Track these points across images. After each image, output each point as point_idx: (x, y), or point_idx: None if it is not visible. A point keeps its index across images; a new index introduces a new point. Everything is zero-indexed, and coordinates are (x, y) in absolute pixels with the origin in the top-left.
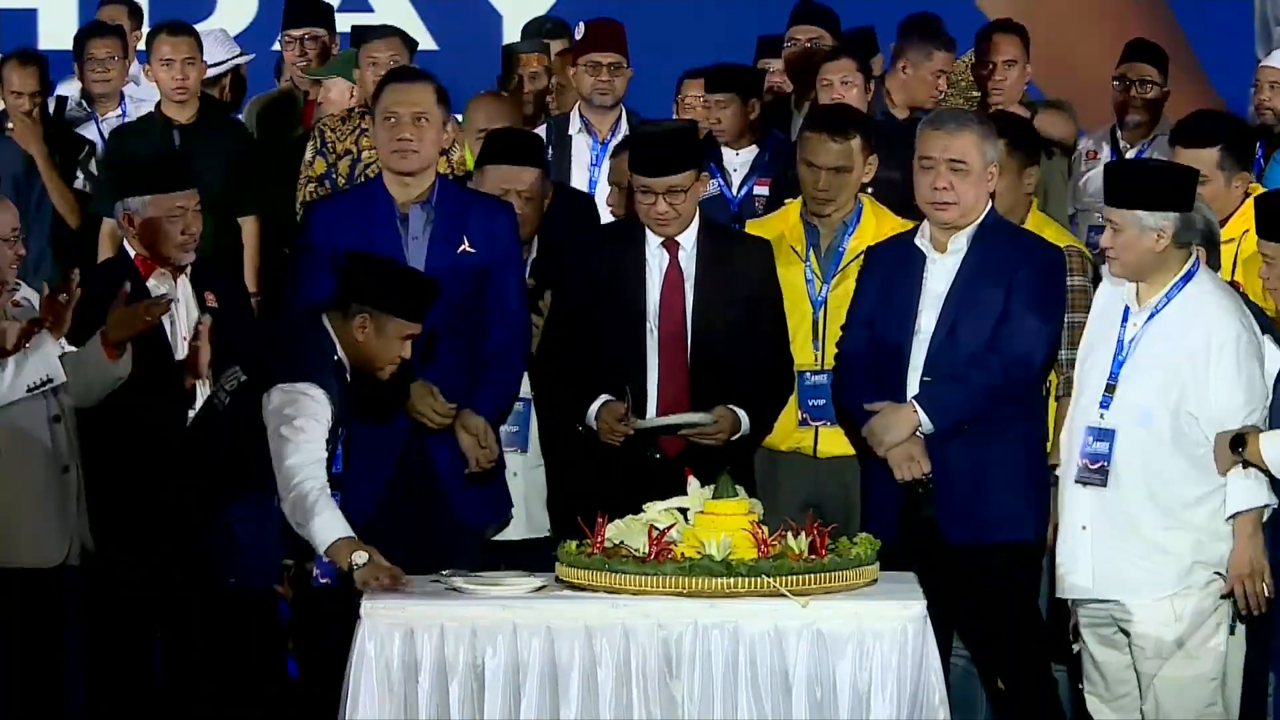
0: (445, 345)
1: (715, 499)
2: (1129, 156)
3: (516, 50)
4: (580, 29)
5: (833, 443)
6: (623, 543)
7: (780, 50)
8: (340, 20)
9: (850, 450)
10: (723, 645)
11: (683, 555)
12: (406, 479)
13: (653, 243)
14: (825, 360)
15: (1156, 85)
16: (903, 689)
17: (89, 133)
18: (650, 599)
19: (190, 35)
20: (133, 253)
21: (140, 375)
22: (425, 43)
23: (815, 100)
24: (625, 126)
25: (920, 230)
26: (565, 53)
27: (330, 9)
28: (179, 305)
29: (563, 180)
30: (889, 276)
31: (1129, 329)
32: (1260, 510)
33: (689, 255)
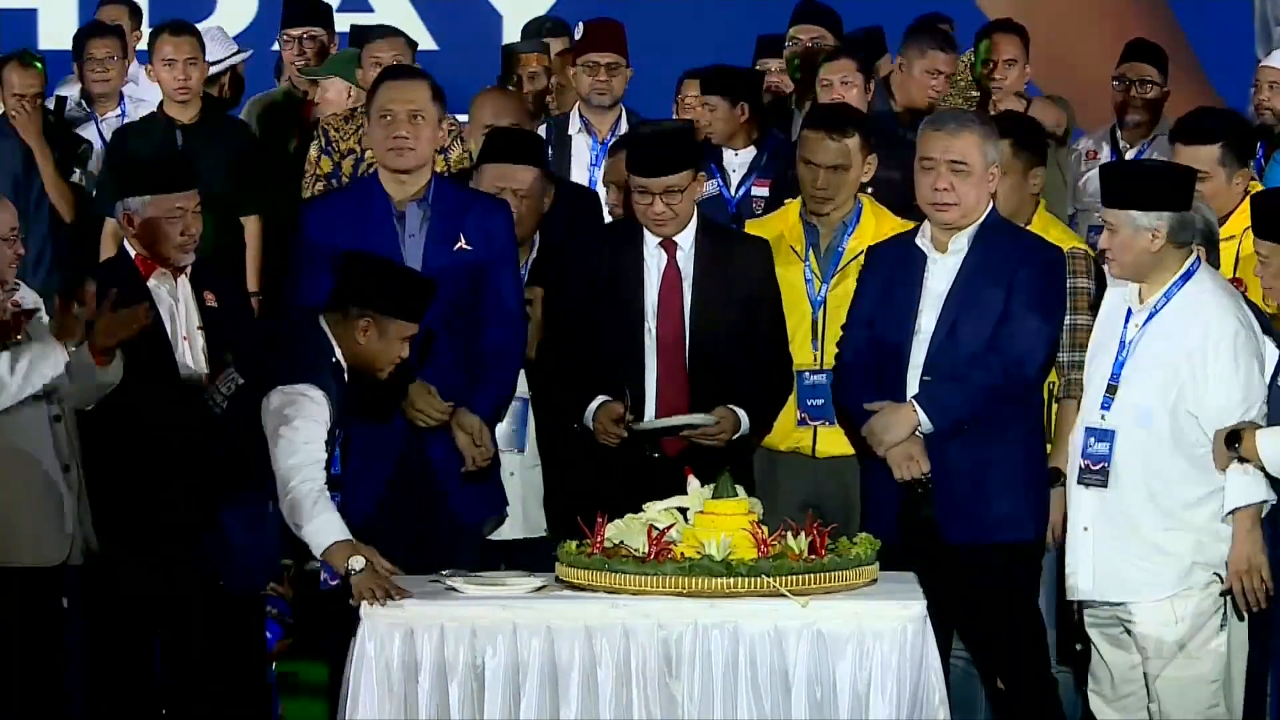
0: (442, 344)
1: (715, 499)
2: (1129, 156)
3: (516, 50)
4: (579, 29)
5: (832, 443)
6: (623, 543)
7: (779, 50)
8: (340, 20)
9: (849, 450)
10: (723, 645)
11: (683, 555)
12: (406, 479)
13: (651, 243)
14: (824, 360)
15: (1156, 85)
16: (903, 689)
17: (88, 133)
18: (650, 599)
19: (193, 35)
20: (133, 253)
21: (140, 376)
22: (425, 43)
23: (815, 100)
24: (625, 126)
25: (921, 230)
26: (565, 53)
27: (329, 9)
28: (179, 305)
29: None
30: (890, 276)
31: (1130, 329)
32: (1258, 506)
33: (687, 255)
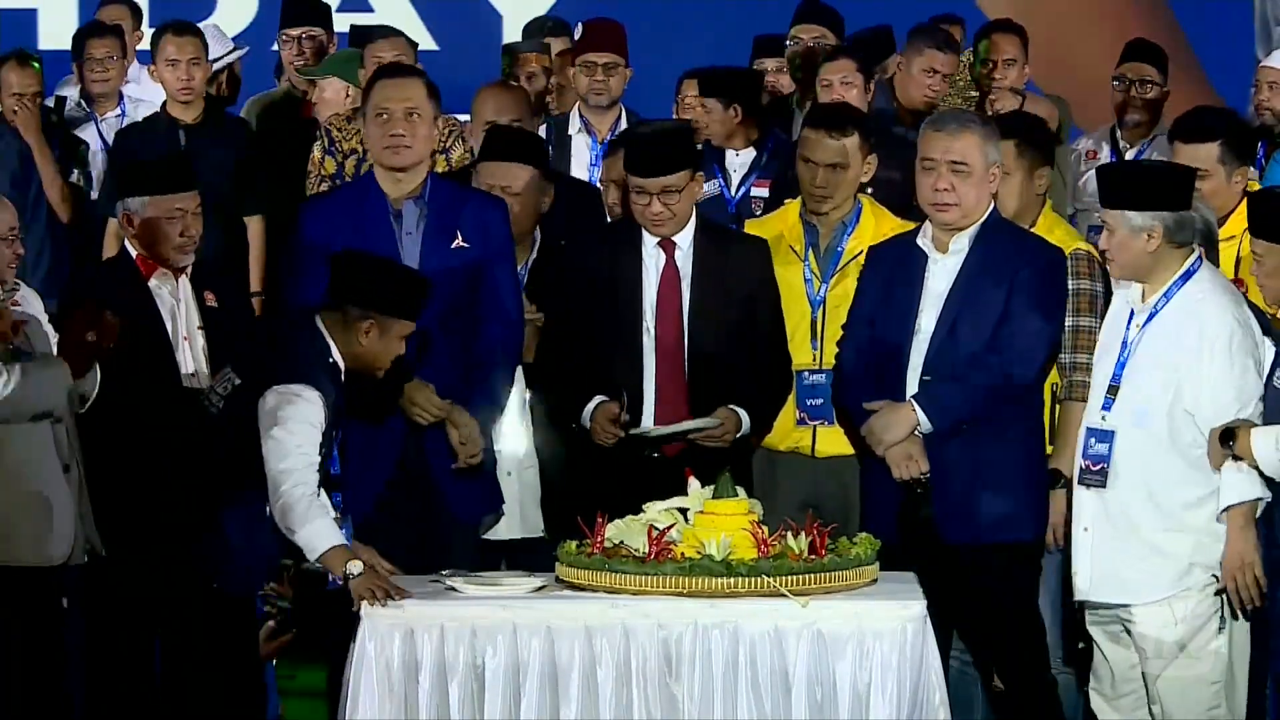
0: (440, 342)
1: (715, 499)
2: (1129, 156)
3: (517, 50)
4: (579, 29)
5: (831, 442)
6: (623, 543)
7: (776, 50)
8: (340, 20)
9: (848, 450)
10: (723, 645)
11: (683, 555)
12: (405, 479)
13: (649, 243)
14: (823, 360)
15: (1156, 85)
16: (903, 689)
17: (88, 133)
18: (650, 599)
19: (196, 35)
20: (134, 253)
21: (140, 376)
22: (425, 43)
23: (816, 100)
24: (625, 126)
25: (922, 230)
26: (566, 53)
27: (328, 9)
28: (180, 305)
29: None
30: (890, 276)
31: (1131, 330)
32: (1252, 505)
33: (686, 255)
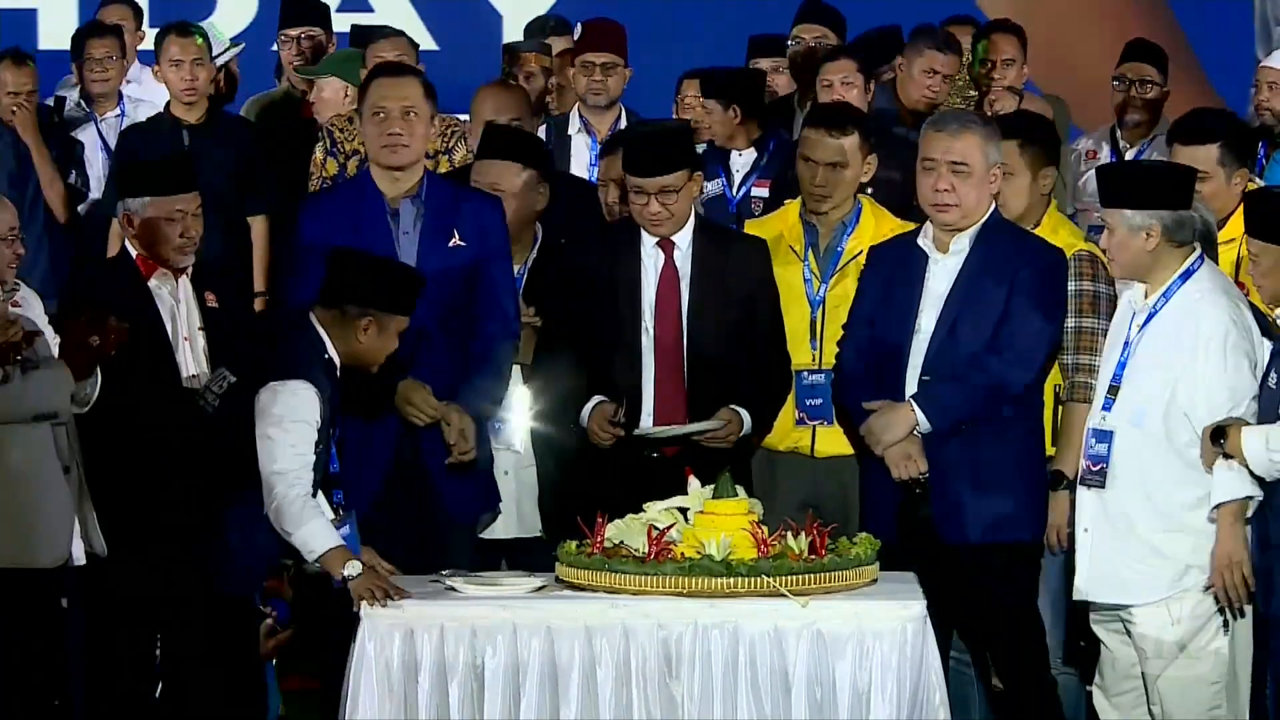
0: (437, 340)
1: (715, 499)
2: (1129, 156)
3: (518, 49)
4: (579, 29)
5: (830, 442)
6: (623, 543)
7: (772, 50)
8: (340, 20)
9: (848, 450)
10: (723, 645)
11: (683, 555)
12: (403, 478)
13: (648, 243)
14: (823, 360)
15: (1156, 85)
16: (903, 689)
17: (88, 133)
18: (650, 599)
19: (199, 36)
20: (134, 253)
21: (140, 377)
22: (425, 43)
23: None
24: (624, 126)
25: (923, 230)
26: (566, 53)
27: (326, 9)
28: (180, 306)
29: None
30: (890, 276)
31: (1132, 330)
32: (1242, 503)
33: (685, 255)
